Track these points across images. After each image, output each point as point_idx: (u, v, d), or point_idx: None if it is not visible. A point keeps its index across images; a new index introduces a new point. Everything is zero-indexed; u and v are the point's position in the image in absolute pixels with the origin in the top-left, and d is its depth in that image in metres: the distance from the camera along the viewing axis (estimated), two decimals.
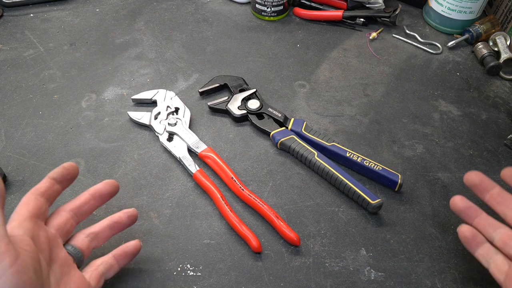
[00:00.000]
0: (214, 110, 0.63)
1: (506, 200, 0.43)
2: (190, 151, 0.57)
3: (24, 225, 0.36)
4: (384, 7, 0.77)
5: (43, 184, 0.40)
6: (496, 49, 0.71)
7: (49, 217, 0.41)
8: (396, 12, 0.76)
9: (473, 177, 0.45)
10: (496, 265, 0.41)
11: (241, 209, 0.53)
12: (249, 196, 0.51)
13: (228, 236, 0.50)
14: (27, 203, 0.38)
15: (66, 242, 0.42)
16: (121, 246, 0.45)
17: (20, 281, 0.31)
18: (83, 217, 0.44)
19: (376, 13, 0.77)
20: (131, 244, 0.45)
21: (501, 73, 0.70)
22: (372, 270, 0.48)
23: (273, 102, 0.65)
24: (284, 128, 0.59)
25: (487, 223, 0.43)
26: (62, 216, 0.42)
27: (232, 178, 0.53)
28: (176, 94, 0.64)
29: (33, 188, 0.40)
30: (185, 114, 0.61)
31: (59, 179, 0.42)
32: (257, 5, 0.77)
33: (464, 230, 0.43)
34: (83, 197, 0.43)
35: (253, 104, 0.62)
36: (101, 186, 0.45)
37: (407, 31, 0.77)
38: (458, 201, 0.45)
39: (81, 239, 0.42)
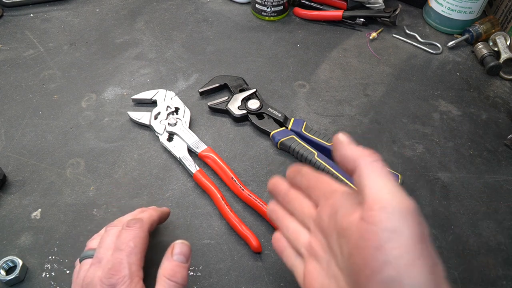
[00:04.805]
0: (214, 110, 0.63)
1: (292, 199, 0.40)
2: (190, 151, 0.57)
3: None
4: (384, 7, 0.77)
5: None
6: (496, 49, 0.71)
7: None
8: (396, 12, 0.76)
9: (269, 186, 0.42)
10: (296, 271, 0.37)
11: (241, 209, 0.53)
12: (249, 196, 0.51)
13: (228, 236, 0.50)
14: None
15: None
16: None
17: None
18: None
19: (376, 13, 0.77)
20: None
21: (501, 73, 0.70)
22: None
23: (273, 102, 0.65)
24: (284, 128, 0.59)
25: (282, 215, 0.40)
26: None
27: (232, 178, 0.53)
28: (176, 94, 0.64)
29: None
30: (185, 114, 0.61)
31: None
32: (257, 5, 0.77)
33: (274, 235, 0.41)
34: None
35: (253, 104, 0.62)
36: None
37: (407, 31, 0.77)
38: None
39: None
